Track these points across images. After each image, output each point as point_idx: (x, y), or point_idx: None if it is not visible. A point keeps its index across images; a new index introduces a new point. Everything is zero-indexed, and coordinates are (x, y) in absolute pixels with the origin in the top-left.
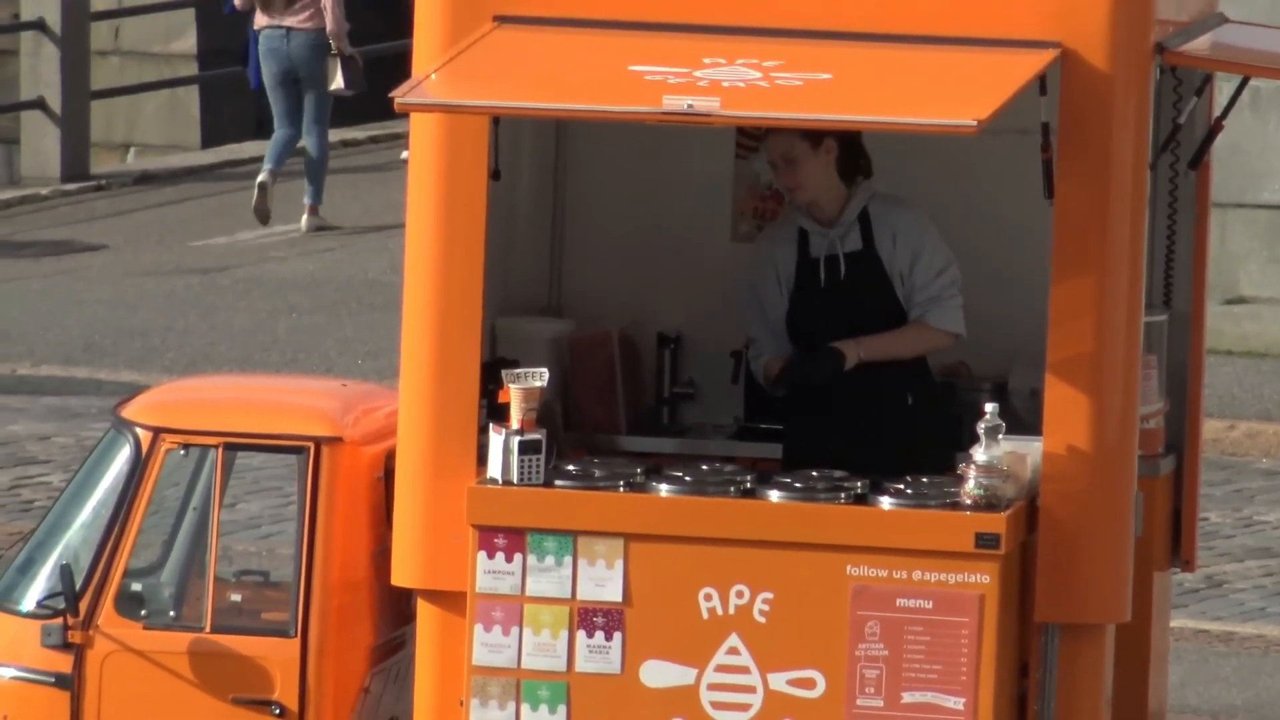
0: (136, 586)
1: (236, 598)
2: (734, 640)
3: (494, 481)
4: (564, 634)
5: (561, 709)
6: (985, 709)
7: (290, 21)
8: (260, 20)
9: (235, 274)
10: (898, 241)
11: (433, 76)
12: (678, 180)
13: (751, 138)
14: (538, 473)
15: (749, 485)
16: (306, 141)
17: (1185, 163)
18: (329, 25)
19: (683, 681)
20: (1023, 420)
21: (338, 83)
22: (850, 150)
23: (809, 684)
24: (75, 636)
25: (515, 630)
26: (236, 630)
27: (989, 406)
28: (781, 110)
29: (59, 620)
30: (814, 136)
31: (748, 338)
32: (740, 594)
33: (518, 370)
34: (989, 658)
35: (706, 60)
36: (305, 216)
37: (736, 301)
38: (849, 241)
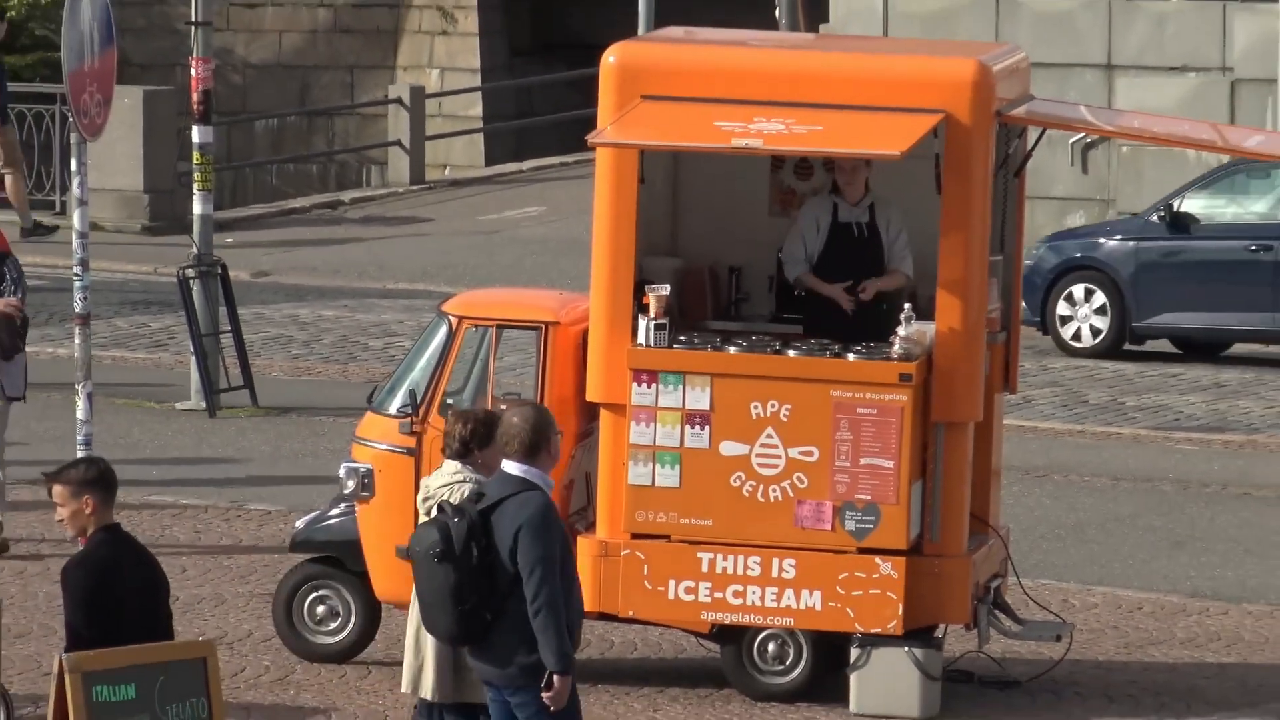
0: (450, 400)
1: (504, 406)
2: (769, 430)
3: (641, 345)
4: (678, 427)
5: (677, 467)
6: (904, 467)
7: None
8: None
9: (503, 235)
10: (890, 223)
11: (609, 127)
12: (740, 182)
13: (780, 161)
14: (664, 341)
15: (778, 347)
16: None
17: (1011, 173)
18: None
19: (741, 452)
20: (926, 312)
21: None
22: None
23: (809, 454)
24: (418, 428)
25: (653, 425)
26: None
27: (907, 305)
28: (794, 146)
29: (409, 419)
30: (865, 162)
31: (786, 253)
32: (772, 406)
33: (654, 286)
34: (906, 440)
35: (756, 119)
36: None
37: (787, 239)
38: (864, 216)
